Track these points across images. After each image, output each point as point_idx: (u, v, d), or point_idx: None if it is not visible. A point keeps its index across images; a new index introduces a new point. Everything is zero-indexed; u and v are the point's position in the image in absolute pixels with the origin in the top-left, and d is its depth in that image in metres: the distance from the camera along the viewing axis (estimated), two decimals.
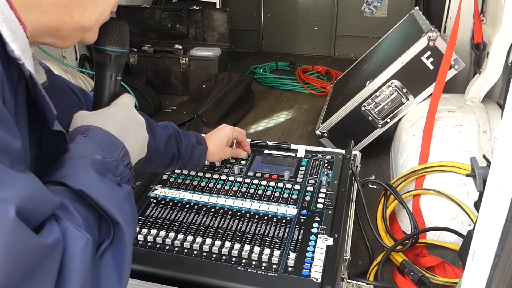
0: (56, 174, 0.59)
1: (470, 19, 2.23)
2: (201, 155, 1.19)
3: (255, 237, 1.04)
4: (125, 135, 0.70)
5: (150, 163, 1.06)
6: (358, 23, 4.26)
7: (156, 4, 4.01)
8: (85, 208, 0.57)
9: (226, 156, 1.29)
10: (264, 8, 4.48)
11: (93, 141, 0.65)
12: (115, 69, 0.77)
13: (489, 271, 0.56)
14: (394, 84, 2.05)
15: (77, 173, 0.59)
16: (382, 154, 2.24)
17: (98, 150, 0.63)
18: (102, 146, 0.65)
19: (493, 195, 0.58)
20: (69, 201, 0.55)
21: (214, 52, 3.26)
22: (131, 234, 0.62)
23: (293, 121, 2.81)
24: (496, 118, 1.74)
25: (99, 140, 0.65)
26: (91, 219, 0.57)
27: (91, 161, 0.61)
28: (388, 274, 1.42)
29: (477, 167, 1.06)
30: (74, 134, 0.67)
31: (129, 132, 0.71)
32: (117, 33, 0.75)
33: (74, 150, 0.62)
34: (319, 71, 3.67)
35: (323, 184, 1.24)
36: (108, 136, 0.67)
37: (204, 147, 1.19)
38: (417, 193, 1.61)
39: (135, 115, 0.75)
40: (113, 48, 0.75)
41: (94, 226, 0.57)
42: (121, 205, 0.60)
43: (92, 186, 0.58)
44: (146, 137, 0.77)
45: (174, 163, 1.14)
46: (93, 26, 0.67)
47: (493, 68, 1.83)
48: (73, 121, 0.70)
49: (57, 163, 0.61)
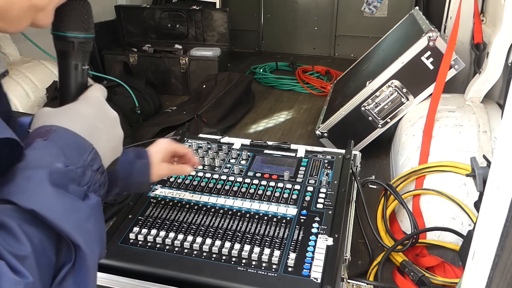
0: (4, 190, 0.50)
1: (470, 19, 2.23)
2: (142, 170, 0.98)
3: (255, 237, 1.04)
4: (95, 134, 0.61)
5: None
6: (358, 23, 4.26)
7: (156, 4, 4.01)
8: (39, 230, 0.49)
9: (163, 173, 1.02)
10: (264, 8, 4.48)
11: (54, 145, 0.55)
12: (80, 57, 0.67)
13: (489, 271, 0.56)
14: (394, 84, 2.05)
15: (29, 188, 0.50)
16: (382, 154, 2.24)
17: (59, 156, 0.54)
18: (65, 150, 0.55)
19: (493, 195, 0.58)
20: (17, 224, 0.48)
21: (214, 52, 3.26)
22: (95, 257, 0.54)
23: (293, 121, 2.81)
24: (496, 118, 1.74)
25: (62, 143, 0.56)
26: (46, 242, 0.50)
27: (49, 172, 0.52)
28: (388, 274, 1.42)
29: (477, 167, 1.06)
30: (33, 137, 0.57)
31: (100, 130, 0.62)
32: (78, 15, 0.65)
33: (29, 158, 0.53)
34: (319, 71, 3.67)
35: (323, 184, 1.24)
36: (73, 138, 0.58)
37: (145, 160, 0.99)
38: (417, 193, 1.61)
39: (106, 110, 0.66)
40: (76, 34, 0.65)
41: (51, 249, 0.50)
42: (83, 224, 0.53)
43: (46, 204, 0.50)
44: (121, 134, 0.68)
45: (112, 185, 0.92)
46: (47, 6, 0.58)
47: (493, 68, 1.83)
48: (34, 120, 0.61)
49: (7, 176, 0.52)
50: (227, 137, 1.52)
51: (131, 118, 2.63)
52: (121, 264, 0.98)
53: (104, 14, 3.49)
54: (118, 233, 1.06)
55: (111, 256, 1.00)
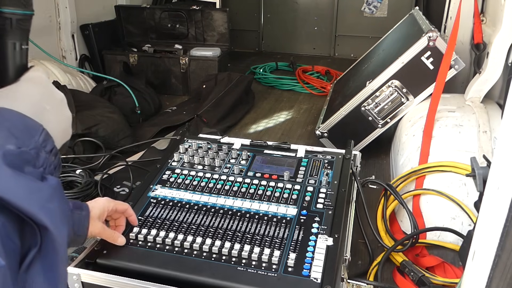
0: None
1: (470, 19, 2.23)
2: (81, 221, 0.87)
3: (255, 237, 1.04)
4: (43, 115, 0.58)
5: None
6: (358, 23, 4.26)
7: (156, 4, 4.02)
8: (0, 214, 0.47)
9: (95, 232, 0.93)
10: (264, 8, 4.48)
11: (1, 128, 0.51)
12: (18, 35, 0.62)
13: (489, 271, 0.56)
14: (394, 84, 2.05)
15: None
16: (382, 154, 2.24)
17: (9, 138, 0.51)
18: (13, 132, 0.52)
19: (493, 195, 0.58)
20: None
21: (214, 52, 3.26)
22: (63, 237, 0.52)
23: (293, 121, 2.81)
24: (496, 118, 1.74)
25: (9, 125, 0.52)
26: (8, 226, 0.47)
27: (2, 154, 0.49)
28: (388, 274, 1.42)
29: (477, 167, 1.06)
30: None
31: (47, 111, 0.59)
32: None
33: None
34: (319, 71, 3.67)
35: (323, 184, 1.24)
36: (20, 119, 0.54)
37: (85, 212, 0.88)
38: (417, 193, 1.61)
39: (52, 90, 0.62)
40: (13, 10, 0.60)
41: (14, 233, 0.47)
42: (47, 204, 0.50)
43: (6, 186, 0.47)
44: (69, 116, 0.64)
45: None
46: None
47: (493, 68, 1.83)
48: None
49: None
50: (227, 137, 1.52)
51: (131, 118, 2.63)
52: (121, 264, 0.98)
53: (104, 14, 3.49)
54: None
55: (111, 256, 1.00)
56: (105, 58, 3.30)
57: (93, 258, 0.99)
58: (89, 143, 2.14)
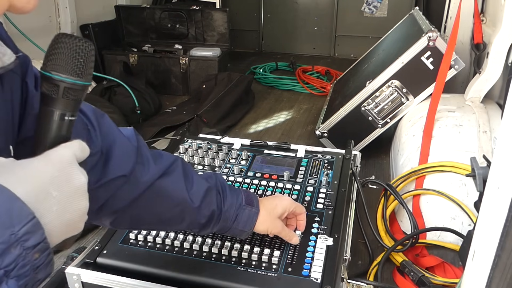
0: None
1: (470, 19, 2.23)
2: (249, 219, 0.92)
3: (255, 237, 1.04)
4: (44, 202, 0.48)
5: (182, 220, 0.86)
6: (358, 23, 4.26)
7: (156, 4, 4.02)
8: None
9: (275, 231, 0.97)
10: (264, 8, 4.48)
11: None
12: (63, 105, 0.55)
13: (489, 271, 0.56)
14: (394, 84, 2.05)
15: None
16: (382, 154, 2.24)
17: None
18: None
19: (493, 195, 0.58)
20: None
21: (214, 52, 3.26)
22: None
23: (293, 121, 2.81)
24: (496, 118, 1.74)
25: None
26: None
27: None
28: (388, 274, 1.42)
29: (477, 167, 1.06)
30: None
31: (52, 198, 0.49)
32: (72, 55, 0.53)
33: None
34: (319, 71, 3.67)
35: (323, 184, 1.24)
36: (6, 203, 0.44)
37: (255, 209, 0.93)
38: (417, 193, 1.61)
39: (70, 174, 0.51)
40: (63, 77, 0.53)
41: None
42: None
43: None
44: (82, 208, 0.52)
45: (213, 224, 0.90)
46: None
47: (493, 68, 1.83)
48: None
49: None
50: (227, 137, 1.52)
51: (131, 118, 2.63)
52: (121, 264, 0.98)
53: (104, 14, 3.49)
54: (118, 233, 1.06)
55: (111, 256, 1.00)
56: (105, 58, 3.30)
57: (93, 258, 0.99)
58: None
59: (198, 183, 0.87)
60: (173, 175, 0.83)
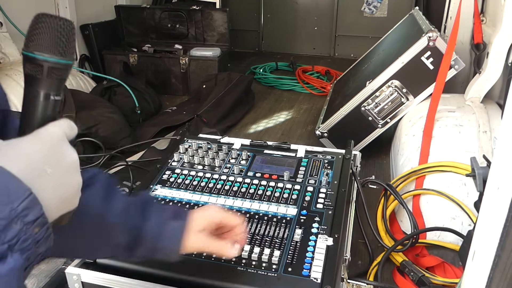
0: None
1: (470, 19, 2.23)
2: (172, 234, 0.78)
3: (255, 237, 1.04)
4: (39, 179, 0.49)
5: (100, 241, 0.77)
6: (358, 23, 4.26)
7: (156, 4, 4.02)
8: None
9: (196, 246, 0.79)
10: (264, 8, 4.48)
11: None
12: (47, 85, 0.55)
13: (489, 271, 0.56)
14: (394, 84, 2.05)
15: None
16: (382, 154, 2.24)
17: None
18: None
19: (493, 195, 0.58)
20: None
21: (214, 52, 3.26)
22: None
23: (293, 121, 2.82)
24: (496, 118, 1.74)
25: None
26: None
27: None
28: (388, 274, 1.42)
29: (477, 167, 1.06)
30: None
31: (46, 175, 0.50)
32: (54, 35, 0.53)
33: None
34: (319, 71, 3.67)
35: (323, 184, 1.24)
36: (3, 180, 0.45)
37: (182, 222, 0.78)
38: (417, 193, 1.61)
39: (62, 151, 0.52)
40: (46, 57, 0.53)
41: None
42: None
43: None
44: (75, 183, 0.53)
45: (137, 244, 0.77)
46: None
47: (493, 68, 1.83)
48: None
49: None
50: (227, 137, 1.52)
51: (131, 118, 2.63)
52: (121, 264, 0.98)
53: (104, 14, 3.49)
54: None
55: (111, 256, 1.00)
56: (105, 58, 3.30)
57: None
58: (89, 143, 2.14)
59: (117, 197, 0.78)
60: (91, 189, 0.74)
